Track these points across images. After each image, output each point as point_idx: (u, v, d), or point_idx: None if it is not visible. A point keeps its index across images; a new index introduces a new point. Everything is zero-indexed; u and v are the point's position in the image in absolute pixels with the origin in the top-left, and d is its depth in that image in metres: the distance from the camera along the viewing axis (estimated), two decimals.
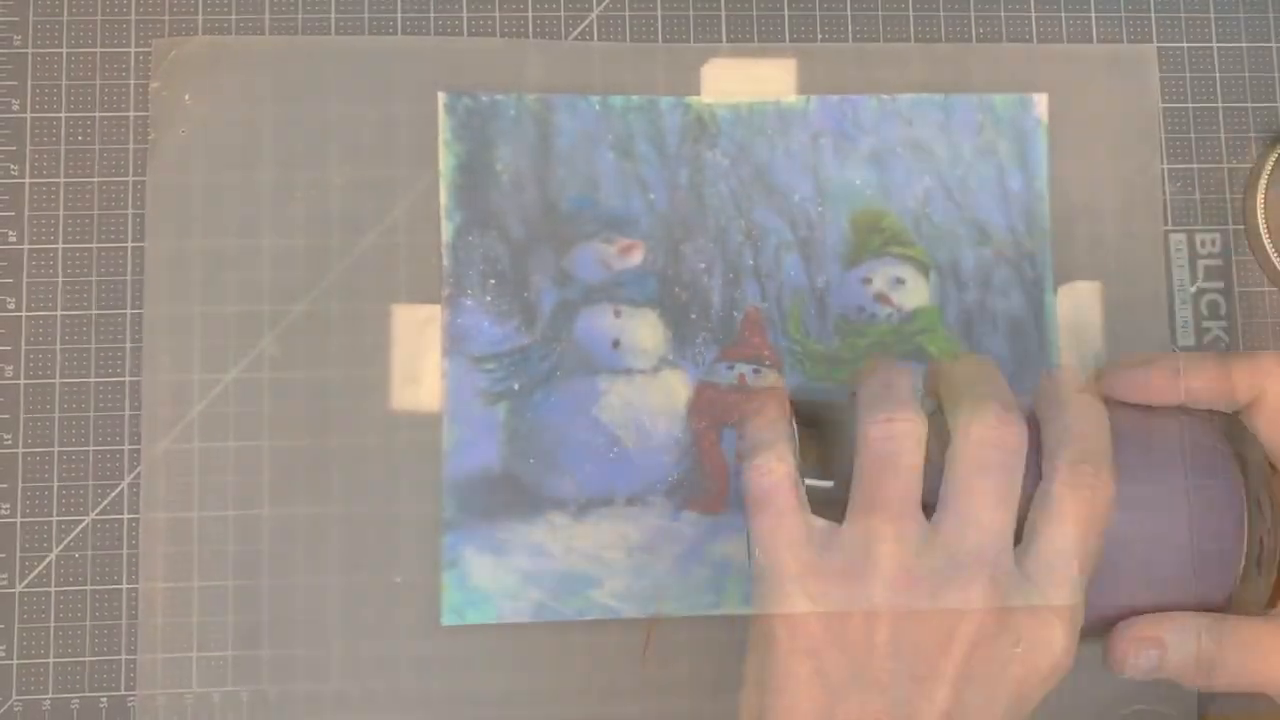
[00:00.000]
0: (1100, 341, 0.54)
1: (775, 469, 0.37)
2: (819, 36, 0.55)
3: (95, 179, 0.52)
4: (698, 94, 0.54)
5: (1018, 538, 0.36)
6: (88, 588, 0.50)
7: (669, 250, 0.53)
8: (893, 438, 0.36)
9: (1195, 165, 0.56)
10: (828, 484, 0.38)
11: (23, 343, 0.51)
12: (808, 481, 0.38)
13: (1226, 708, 0.53)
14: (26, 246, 0.52)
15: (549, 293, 0.52)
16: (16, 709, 0.49)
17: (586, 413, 0.52)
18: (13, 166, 0.52)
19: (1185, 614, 0.38)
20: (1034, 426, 0.38)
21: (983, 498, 0.35)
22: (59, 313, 0.51)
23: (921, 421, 0.36)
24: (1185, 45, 0.56)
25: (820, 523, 0.37)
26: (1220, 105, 0.56)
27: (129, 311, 0.51)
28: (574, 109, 0.53)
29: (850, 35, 0.55)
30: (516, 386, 0.52)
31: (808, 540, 0.36)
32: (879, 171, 0.54)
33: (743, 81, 0.54)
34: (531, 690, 0.51)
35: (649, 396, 0.52)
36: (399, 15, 0.54)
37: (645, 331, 0.53)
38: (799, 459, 0.38)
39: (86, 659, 0.50)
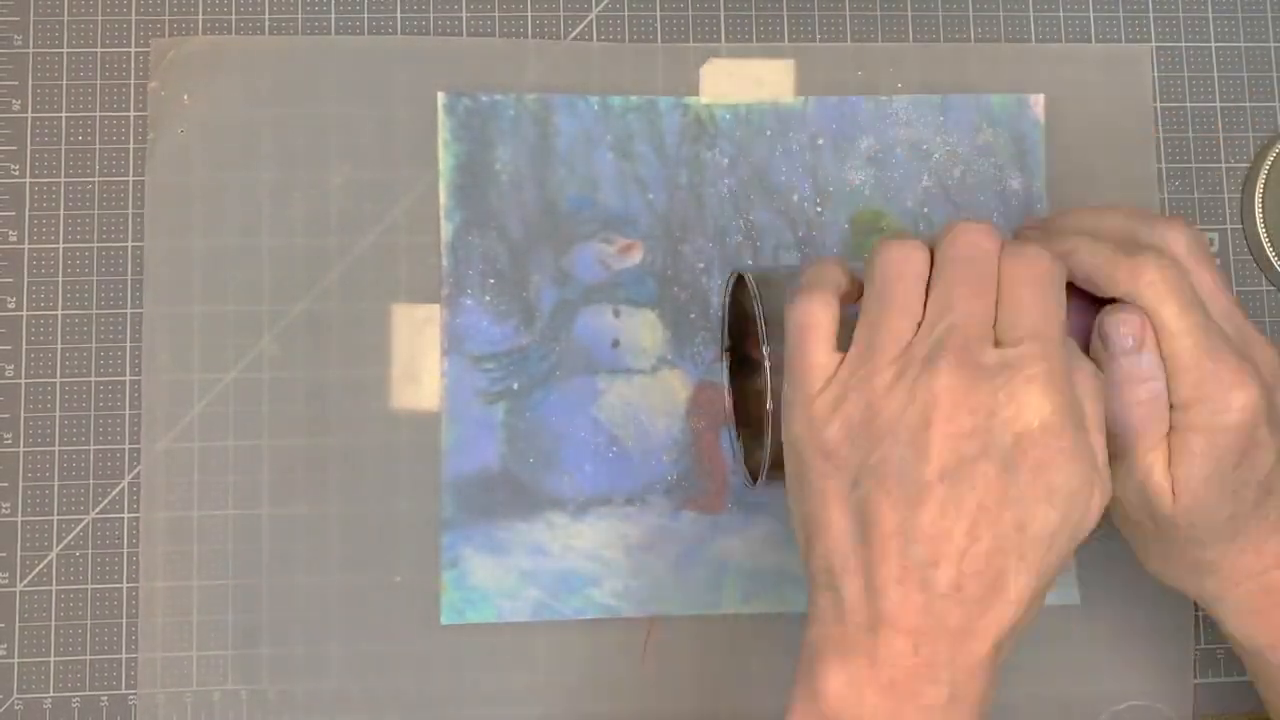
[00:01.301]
0: None
1: (815, 309, 0.40)
2: (817, 37, 0.55)
3: (95, 179, 0.52)
4: (696, 94, 0.54)
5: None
6: (88, 586, 0.50)
7: (668, 250, 0.53)
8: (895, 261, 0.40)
9: (1193, 165, 0.56)
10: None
11: (23, 342, 0.51)
12: None
13: (1223, 705, 0.53)
14: (27, 246, 0.52)
15: (548, 292, 0.53)
16: (17, 707, 0.50)
17: (585, 412, 0.52)
18: (13, 166, 0.52)
19: None
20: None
21: (960, 287, 0.39)
22: (59, 312, 0.51)
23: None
24: (1183, 45, 0.56)
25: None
26: (1218, 105, 0.56)
27: (129, 311, 0.52)
28: (573, 109, 0.53)
29: (849, 35, 0.55)
30: (516, 386, 0.52)
31: (830, 364, 0.40)
32: (877, 172, 0.54)
33: (741, 82, 0.54)
34: (531, 689, 0.51)
35: (648, 396, 0.52)
36: (398, 15, 0.54)
37: (644, 331, 0.53)
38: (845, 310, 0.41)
39: (87, 658, 0.50)
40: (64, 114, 0.52)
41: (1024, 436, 0.37)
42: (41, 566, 0.50)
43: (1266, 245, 0.55)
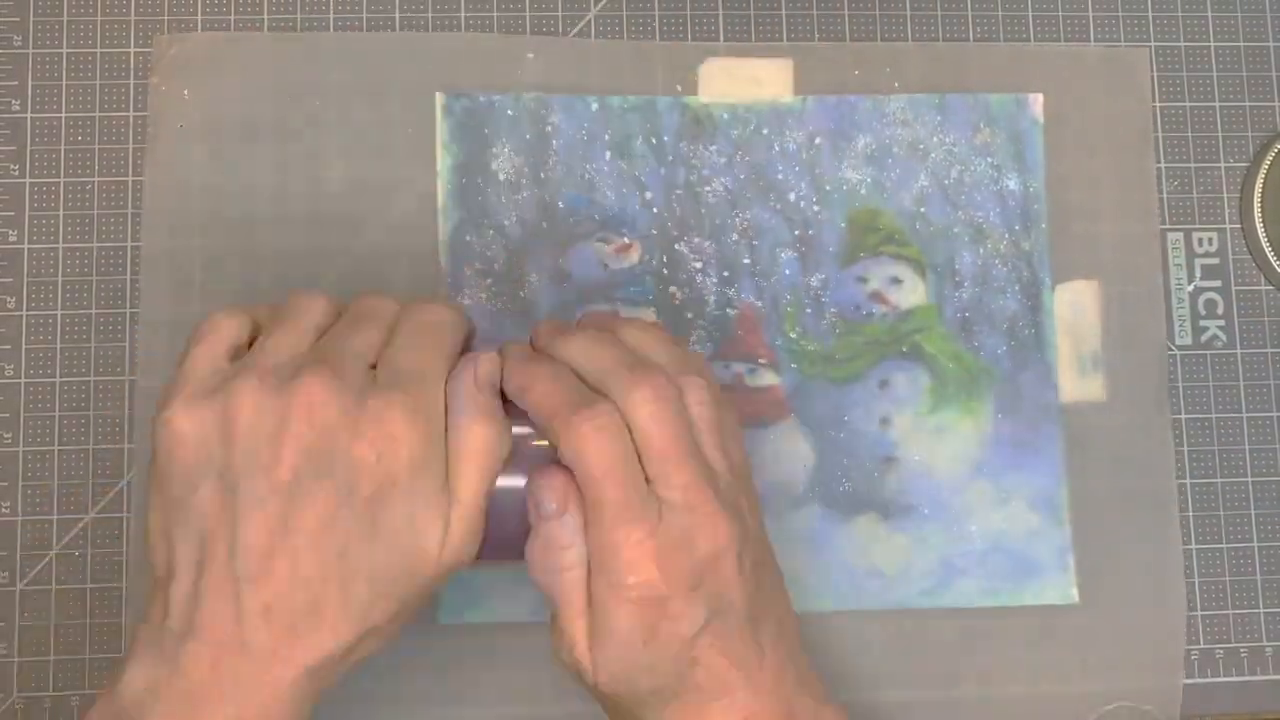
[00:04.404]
0: (1098, 340, 0.54)
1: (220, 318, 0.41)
2: (816, 36, 0.55)
3: (95, 179, 0.52)
4: (695, 93, 0.54)
5: None
6: (88, 586, 0.50)
7: (665, 249, 0.53)
8: None
9: (1192, 164, 0.56)
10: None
11: (23, 342, 0.51)
12: None
13: (1212, 706, 0.53)
14: (26, 246, 0.52)
15: (546, 292, 0.53)
16: (18, 706, 0.50)
17: None
18: (13, 166, 0.52)
19: None
20: None
21: (347, 324, 0.40)
22: (59, 312, 0.52)
23: None
24: (1182, 44, 0.56)
25: None
26: (1217, 104, 0.56)
27: (128, 311, 0.52)
28: (571, 109, 0.53)
29: (847, 35, 0.55)
30: None
31: None
32: (875, 171, 0.54)
33: (739, 81, 0.54)
34: (529, 688, 0.51)
35: None
36: (397, 13, 0.54)
37: None
38: None
39: (86, 657, 0.50)
40: (63, 114, 0.52)
41: (365, 465, 0.36)
42: (41, 566, 0.50)
43: (1266, 245, 0.55)
